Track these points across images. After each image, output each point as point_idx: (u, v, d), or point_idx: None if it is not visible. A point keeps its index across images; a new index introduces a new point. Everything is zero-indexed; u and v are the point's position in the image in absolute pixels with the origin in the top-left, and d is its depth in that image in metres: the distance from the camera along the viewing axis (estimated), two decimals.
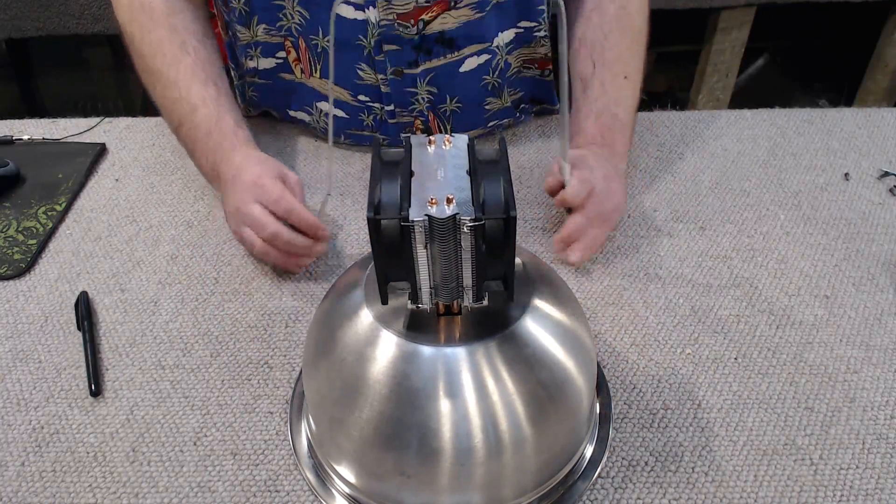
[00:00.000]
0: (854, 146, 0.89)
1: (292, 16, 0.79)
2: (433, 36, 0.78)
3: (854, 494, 0.54)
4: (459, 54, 0.80)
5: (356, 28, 0.77)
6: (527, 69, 0.87)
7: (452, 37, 0.79)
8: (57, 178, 0.85)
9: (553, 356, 0.49)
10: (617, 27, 0.80)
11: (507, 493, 0.51)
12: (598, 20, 0.80)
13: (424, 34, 0.78)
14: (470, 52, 0.81)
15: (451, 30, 0.78)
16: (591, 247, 0.72)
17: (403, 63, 0.79)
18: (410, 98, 0.83)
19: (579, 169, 0.72)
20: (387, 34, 0.77)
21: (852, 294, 0.70)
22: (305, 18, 0.78)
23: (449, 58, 0.80)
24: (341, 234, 0.78)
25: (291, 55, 0.83)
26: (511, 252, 0.45)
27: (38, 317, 0.69)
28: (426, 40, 0.78)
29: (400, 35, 0.77)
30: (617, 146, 0.78)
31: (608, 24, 0.80)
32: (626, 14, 0.80)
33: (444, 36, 0.78)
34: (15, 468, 0.57)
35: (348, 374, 0.49)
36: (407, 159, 0.47)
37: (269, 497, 0.54)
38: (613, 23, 0.80)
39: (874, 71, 1.84)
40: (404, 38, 0.78)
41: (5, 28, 1.53)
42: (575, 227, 0.71)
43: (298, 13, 0.78)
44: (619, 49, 0.80)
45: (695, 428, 0.58)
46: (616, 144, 0.78)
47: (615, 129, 0.78)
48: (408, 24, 0.77)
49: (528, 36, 0.83)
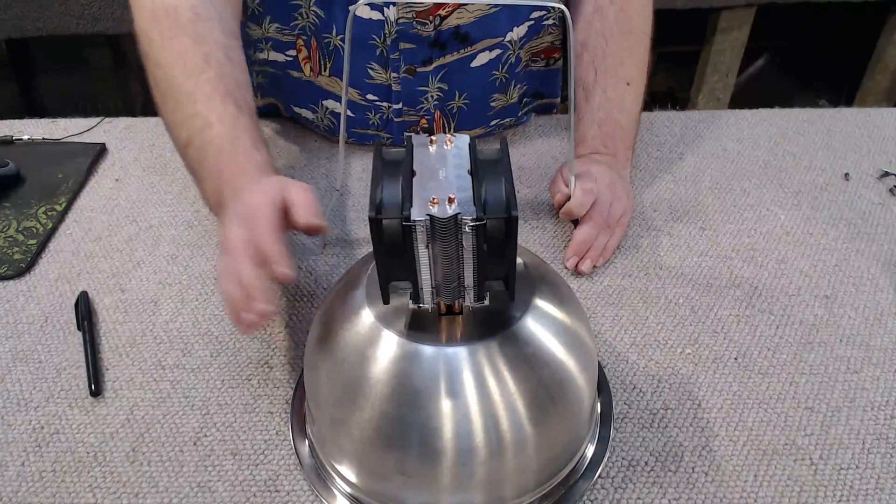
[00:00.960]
0: (854, 146, 0.89)
1: (307, 14, 0.79)
2: (448, 31, 0.79)
3: (854, 494, 0.54)
4: (472, 49, 0.81)
5: (371, 27, 0.78)
6: (534, 62, 0.88)
7: (467, 32, 0.79)
8: (57, 178, 0.85)
9: (554, 356, 0.49)
10: (617, 31, 0.79)
11: (508, 492, 0.51)
12: (599, 25, 0.80)
13: (440, 30, 0.78)
14: (483, 47, 0.81)
15: (466, 25, 0.79)
16: (603, 255, 0.73)
17: (418, 61, 0.80)
18: (420, 97, 0.83)
19: (582, 179, 0.72)
20: (404, 32, 0.77)
21: (852, 294, 0.70)
22: (320, 17, 0.78)
23: (462, 53, 0.81)
24: (342, 233, 0.78)
25: (302, 53, 0.83)
26: (512, 252, 0.45)
27: (38, 317, 0.69)
28: (441, 35, 0.79)
29: (417, 33, 0.78)
30: (620, 154, 0.78)
31: (609, 28, 0.79)
32: (625, 17, 0.80)
33: (459, 31, 0.79)
34: (15, 468, 0.56)
35: (349, 373, 0.49)
36: (408, 159, 0.47)
37: (270, 497, 0.54)
38: (614, 27, 0.79)
39: (874, 71, 1.84)
40: (421, 36, 0.78)
41: (5, 28, 1.53)
42: (584, 238, 0.72)
43: (314, 12, 0.78)
44: (621, 54, 0.79)
45: (695, 428, 0.58)
46: (619, 152, 0.78)
47: (617, 136, 0.78)
48: (426, 21, 0.77)
49: (538, 26, 0.84)
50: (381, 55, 0.79)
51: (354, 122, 0.86)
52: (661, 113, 0.95)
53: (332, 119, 0.87)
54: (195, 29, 0.69)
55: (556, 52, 0.89)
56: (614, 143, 0.78)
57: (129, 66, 1.76)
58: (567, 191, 0.73)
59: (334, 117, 0.86)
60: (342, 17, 0.78)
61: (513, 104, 0.88)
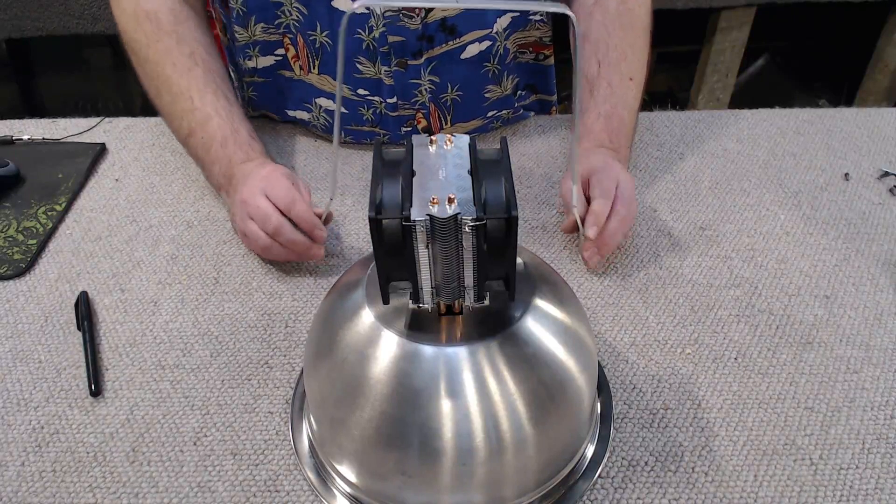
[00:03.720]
0: (854, 146, 0.89)
1: (290, 12, 0.79)
2: (435, 23, 0.79)
3: (854, 494, 0.54)
4: (461, 41, 0.81)
5: (355, 20, 0.77)
6: (521, 54, 0.88)
7: (454, 24, 0.79)
8: (57, 178, 0.85)
9: (554, 355, 0.49)
10: (619, 24, 0.79)
11: (508, 492, 0.51)
12: (600, 17, 0.79)
13: (427, 22, 0.78)
14: (471, 39, 0.81)
15: (451, 17, 0.79)
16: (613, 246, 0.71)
17: (408, 54, 0.80)
18: (413, 90, 0.83)
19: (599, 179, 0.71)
20: (392, 25, 0.77)
21: (852, 294, 0.70)
22: (303, 14, 0.79)
23: (451, 45, 0.81)
24: (342, 233, 0.78)
25: (290, 52, 0.83)
26: (512, 252, 0.45)
27: (38, 317, 0.69)
28: (428, 28, 0.79)
29: (405, 26, 0.78)
30: (622, 151, 0.78)
31: (611, 21, 0.79)
32: (627, 10, 0.79)
33: (445, 23, 0.79)
34: (15, 468, 0.56)
35: (349, 373, 0.49)
36: (408, 159, 0.47)
37: (270, 497, 0.54)
38: (616, 19, 0.79)
39: (874, 71, 1.84)
40: (409, 29, 0.78)
41: (5, 28, 1.53)
42: (611, 235, 0.69)
43: (297, 9, 0.78)
44: (623, 48, 0.79)
45: (695, 428, 0.58)
46: (622, 148, 0.78)
47: (622, 132, 0.78)
48: (412, 14, 0.77)
49: (522, 19, 0.84)
50: (369, 48, 0.79)
51: (348, 118, 0.86)
52: (661, 113, 0.95)
53: (328, 117, 0.87)
54: (176, 31, 0.77)
55: (545, 49, 0.89)
56: (618, 138, 0.78)
57: (129, 66, 1.76)
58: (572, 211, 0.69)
59: (329, 115, 0.86)
60: (325, 14, 0.78)
61: (507, 95, 0.88)
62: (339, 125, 0.67)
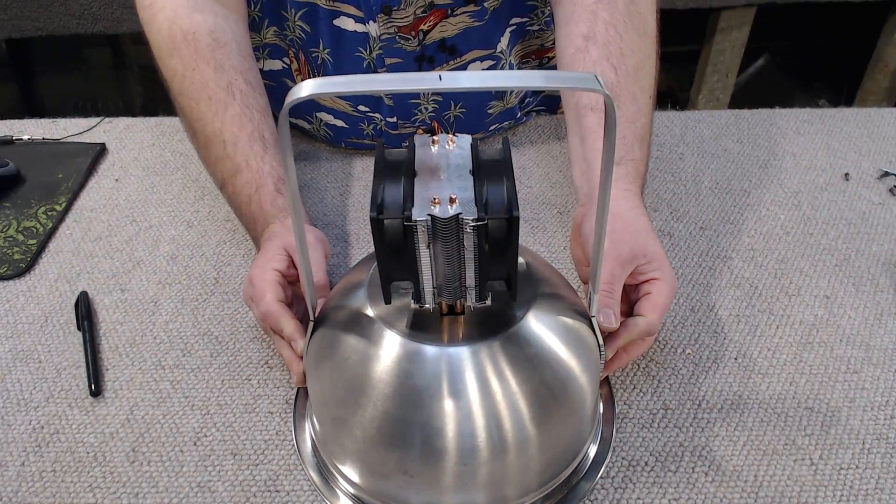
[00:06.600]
0: (854, 146, 0.89)
1: (294, 28, 0.79)
2: (434, 44, 0.78)
3: (854, 494, 0.54)
4: (462, 59, 0.80)
5: (356, 40, 0.77)
6: (525, 63, 0.87)
7: (454, 43, 0.78)
8: (57, 178, 0.84)
9: (556, 355, 0.49)
10: (632, 26, 0.69)
11: (510, 492, 0.51)
12: (608, 16, 0.69)
13: (425, 44, 0.78)
14: (473, 58, 0.80)
15: (451, 37, 0.78)
16: None
17: None
18: (413, 109, 0.82)
19: (651, 287, 0.58)
20: (388, 48, 0.77)
21: (852, 294, 0.70)
22: (306, 32, 0.78)
23: (452, 64, 0.80)
24: (344, 233, 0.78)
25: (294, 65, 0.83)
26: (514, 252, 0.45)
27: (38, 317, 0.69)
28: (427, 49, 0.78)
29: (402, 48, 0.77)
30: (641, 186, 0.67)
31: (621, 22, 0.68)
32: (637, 11, 0.70)
33: (445, 43, 0.78)
34: (15, 468, 0.56)
35: (351, 373, 0.49)
36: (410, 159, 0.47)
37: (270, 497, 0.54)
38: (627, 21, 0.69)
39: (874, 71, 1.85)
40: (406, 51, 0.78)
41: (5, 28, 1.53)
42: (632, 358, 0.60)
43: (299, 27, 0.78)
44: (639, 55, 0.69)
45: (695, 428, 0.58)
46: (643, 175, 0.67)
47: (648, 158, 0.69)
48: (409, 35, 0.76)
49: (520, 31, 0.83)
50: (369, 67, 0.79)
51: (349, 132, 0.86)
52: (661, 113, 0.95)
53: (328, 131, 0.87)
54: (215, 57, 0.70)
55: (548, 52, 0.88)
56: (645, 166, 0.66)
57: (129, 66, 1.76)
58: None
59: (330, 129, 0.86)
60: (327, 32, 0.77)
61: (511, 107, 0.88)
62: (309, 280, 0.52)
